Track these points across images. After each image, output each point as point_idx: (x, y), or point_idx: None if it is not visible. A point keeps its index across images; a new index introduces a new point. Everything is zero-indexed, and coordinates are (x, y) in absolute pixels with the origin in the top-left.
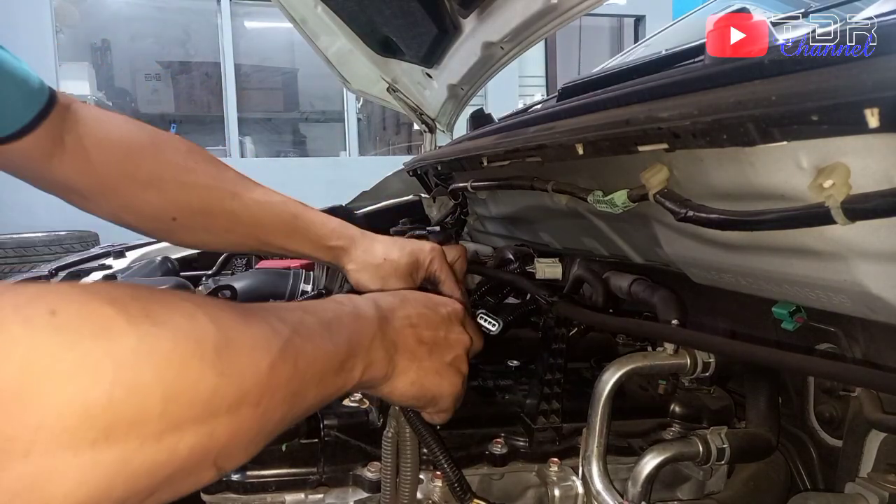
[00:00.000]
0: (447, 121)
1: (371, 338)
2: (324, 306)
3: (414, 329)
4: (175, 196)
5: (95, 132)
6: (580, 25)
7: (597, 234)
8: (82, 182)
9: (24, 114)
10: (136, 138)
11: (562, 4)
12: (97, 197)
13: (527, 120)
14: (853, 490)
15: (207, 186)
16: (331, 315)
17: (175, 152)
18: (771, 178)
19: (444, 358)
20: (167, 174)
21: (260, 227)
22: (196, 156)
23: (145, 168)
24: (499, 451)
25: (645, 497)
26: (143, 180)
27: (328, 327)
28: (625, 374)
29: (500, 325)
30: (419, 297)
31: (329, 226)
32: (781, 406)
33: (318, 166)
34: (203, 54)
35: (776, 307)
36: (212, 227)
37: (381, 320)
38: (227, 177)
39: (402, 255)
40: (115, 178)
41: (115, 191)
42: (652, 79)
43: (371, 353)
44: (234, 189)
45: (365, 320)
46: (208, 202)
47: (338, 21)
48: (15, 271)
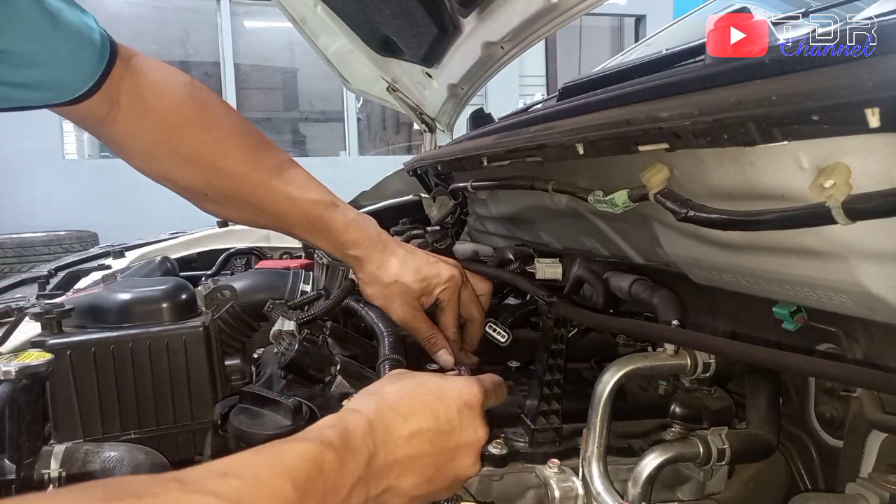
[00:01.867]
0: (447, 120)
1: (353, 483)
2: (304, 457)
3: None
4: (209, 176)
5: (149, 97)
6: (580, 25)
7: (597, 234)
8: (129, 144)
9: (90, 74)
10: (183, 111)
11: (562, 4)
12: (140, 160)
13: (527, 120)
14: (854, 490)
15: (241, 174)
16: (304, 477)
17: (219, 132)
18: (771, 178)
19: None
20: (206, 155)
21: (285, 221)
22: (239, 139)
23: (187, 145)
24: (498, 451)
25: (645, 498)
26: (183, 155)
27: (300, 492)
28: (625, 374)
29: (509, 337)
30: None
31: (351, 234)
32: (782, 406)
33: (317, 166)
34: (202, 54)
35: (777, 307)
36: (240, 209)
37: (370, 460)
38: (263, 165)
39: (414, 279)
40: (159, 147)
41: (157, 158)
42: (652, 78)
43: (351, 499)
44: (269, 181)
45: (349, 466)
46: (239, 189)
47: (338, 21)
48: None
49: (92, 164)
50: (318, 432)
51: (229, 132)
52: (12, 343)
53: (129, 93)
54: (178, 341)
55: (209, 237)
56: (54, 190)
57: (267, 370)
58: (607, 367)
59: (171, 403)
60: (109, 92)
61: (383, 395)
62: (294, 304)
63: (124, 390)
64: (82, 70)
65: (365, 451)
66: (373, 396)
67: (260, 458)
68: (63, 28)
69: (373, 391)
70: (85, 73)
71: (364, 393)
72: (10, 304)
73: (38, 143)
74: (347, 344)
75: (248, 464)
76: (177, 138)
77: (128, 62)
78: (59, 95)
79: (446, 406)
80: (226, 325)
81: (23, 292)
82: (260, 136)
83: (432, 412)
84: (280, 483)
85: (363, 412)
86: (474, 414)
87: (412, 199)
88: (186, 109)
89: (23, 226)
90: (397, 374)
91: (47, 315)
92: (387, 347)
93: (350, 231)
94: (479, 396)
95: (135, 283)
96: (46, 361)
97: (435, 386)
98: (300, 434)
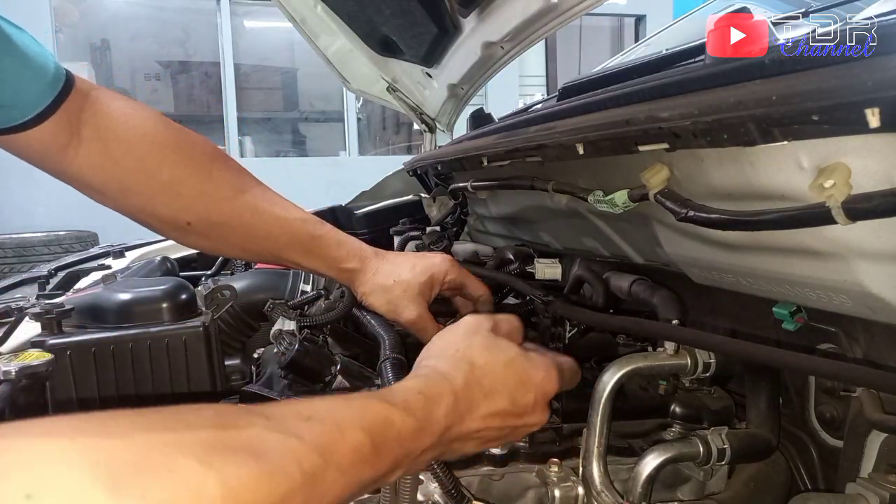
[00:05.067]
0: (447, 120)
1: (424, 449)
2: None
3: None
4: (192, 203)
5: (115, 126)
6: (580, 25)
7: (597, 234)
8: (97, 178)
9: (39, 100)
10: (158, 137)
11: (562, 4)
12: (113, 193)
13: (527, 120)
14: (854, 490)
15: (227, 198)
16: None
17: (198, 158)
18: (771, 178)
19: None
20: (188, 180)
21: (276, 244)
22: (220, 163)
23: (167, 170)
24: (499, 451)
25: (645, 497)
26: (163, 182)
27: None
28: (625, 374)
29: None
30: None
31: (345, 247)
32: (782, 406)
33: (317, 166)
34: (203, 54)
35: (777, 307)
36: (227, 237)
37: (445, 431)
38: (248, 189)
39: (413, 274)
40: (133, 177)
41: (130, 190)
42: (652, 78)
43: (419, 460)
44: (255, 203)
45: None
46: (227, 215)
47: (337, 21)
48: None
49: None
50: (403, 395)
51: (209, 156)
52: (12, 343)
53: (90, 124)
54: (178, 341)
55: None
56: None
57: (267, 370)
58: (607, 367)
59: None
60: (66, 122)
61: (473, 367)
62: (294, 303)
63: (124, 390)
64: (30, 93)
65: (444, 423)
66: (462, 365)
67: (345, 410)
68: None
69: (464, 358)
70: (33, 97)
71: (454, 354)
72: (10, 304)
73: None
74: (348, 343)
75: (333, 411)
76: (154, 164)
77: (87, 94)
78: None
79: (525, 391)
80: (226, 325)
81: (23, 292)
82: (235, 162)
83: (511, 395)
84: (360, 438)
85: (452, 383)
86: (546, 401)
87: (412, 199)
88: (161, 136)
89: (23, 226)
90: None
91: (47, 315)
92: (387, 348)
93: (342, 247)
94: (556, 387)
95: (135, 283)
96: (46, 361)
97: (521, 368)
98: (386, 393)
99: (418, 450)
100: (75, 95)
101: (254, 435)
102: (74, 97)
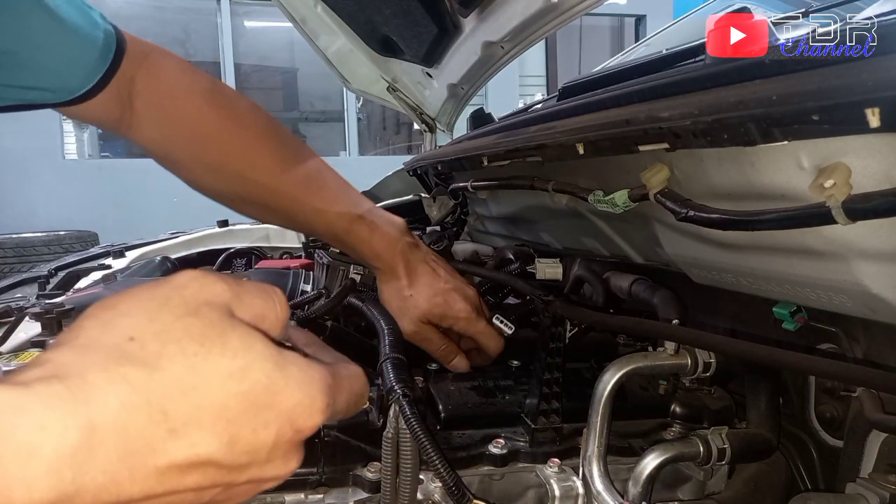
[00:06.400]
0: (447, 120)
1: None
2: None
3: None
4: (236, 187)
5: (165, 104)
6: (580, 25)
7: (597, 234)
8: (153, 149)
9: (87, 77)
10: (205, 120)
11: (562, 4)
12: (170, 165)
13: (527, 119)
14: (854, 490)
15: (268, 186)
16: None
17: (244, 141)
18: (772, 178)
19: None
20: (230, 166)
21: (312, 230)
22: (266, 146)
23: (211, 155)
24: (499, 451)
25: (645, 497)
26: (207, 164)
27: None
28: (625, 374)
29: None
30: (230, 407)
31: (376, 246)
32: (782, 406)
33: None
34: (203, 54)
35: (777, 307)
36: (269, 218)
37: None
38: (289, 178)
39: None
40: (181, 154)
41: (182, 165)
42: (652, 78)
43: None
44: (296, 193)
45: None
46: (265, 199)
47: (338, 20)
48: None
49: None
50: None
51: (255, 141)
52: (12, 343)
53: (142, 97)
54: None
55: (209, 237)
56: (54, 190)
57: None
58: (607, 367)
59: None
60: (117, 94)
61: (151, 377)
62: (294, 303)
63: None
64: (79, 71)
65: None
66: (126, 371)
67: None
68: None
69: (134, 356)
70: (83, 74)
71: (118, 345)
72: (10, 304)
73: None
74: (348, 344)
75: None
76: (199, 148)
77: (140, 63)
78: (56, 96)
79: (259, 424)
80: None
81: (23, 292)
82: (287, 140)
83: (230, 432)
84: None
85: (87, 410)
86: (298, 441)
87: (412, 199)
88: (207, 119)
89: (23, 226)
90: (206, 322)
91: (47, 315)
92: (387, 346)
93: (374, 243)
94: (318, 418)
95: (135, 283)
96: None
97: (259, 383)
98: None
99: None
100: (126, 66)
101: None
102: (127, 68)
